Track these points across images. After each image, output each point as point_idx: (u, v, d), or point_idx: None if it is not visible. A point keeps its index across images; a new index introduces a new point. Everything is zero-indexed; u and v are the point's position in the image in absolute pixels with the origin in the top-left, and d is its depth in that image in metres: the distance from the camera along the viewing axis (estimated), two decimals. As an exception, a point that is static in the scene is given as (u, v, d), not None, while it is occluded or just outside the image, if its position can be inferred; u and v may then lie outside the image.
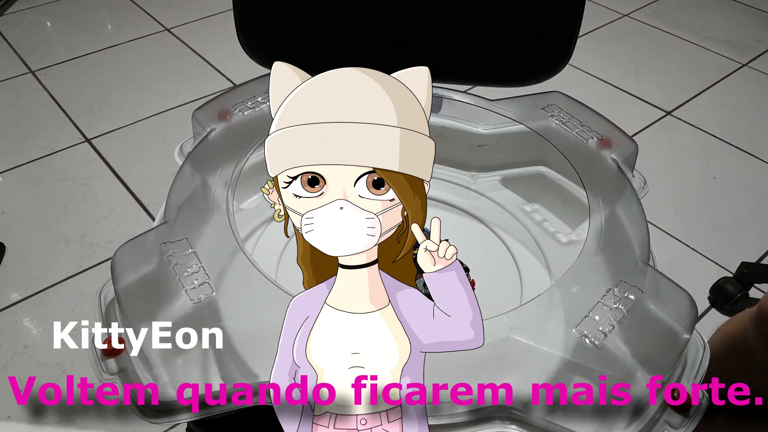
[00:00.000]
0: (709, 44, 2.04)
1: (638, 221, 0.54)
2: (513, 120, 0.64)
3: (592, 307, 0.45)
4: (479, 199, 0.67)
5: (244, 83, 0.67)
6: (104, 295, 0.48)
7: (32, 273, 1.26)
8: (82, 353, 0.45)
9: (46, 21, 2.15)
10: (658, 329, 0.45)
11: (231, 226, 0.51)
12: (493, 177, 0.68)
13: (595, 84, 1.85)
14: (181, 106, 1.71)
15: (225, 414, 0.41)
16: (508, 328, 0.44)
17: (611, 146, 0.62)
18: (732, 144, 1.63)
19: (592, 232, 0.53)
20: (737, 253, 1.31)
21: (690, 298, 0.46)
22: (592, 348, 0.43)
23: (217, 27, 2.07)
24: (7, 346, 1.12)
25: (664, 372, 0.42)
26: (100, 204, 1.42)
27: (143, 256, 0.48)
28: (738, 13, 2.24)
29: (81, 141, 1.61)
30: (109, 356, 0.44)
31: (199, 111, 0.64)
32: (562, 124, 0.64)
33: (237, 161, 0.57)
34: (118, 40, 2.02)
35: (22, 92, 1.78)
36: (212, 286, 0.46)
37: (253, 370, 0.43)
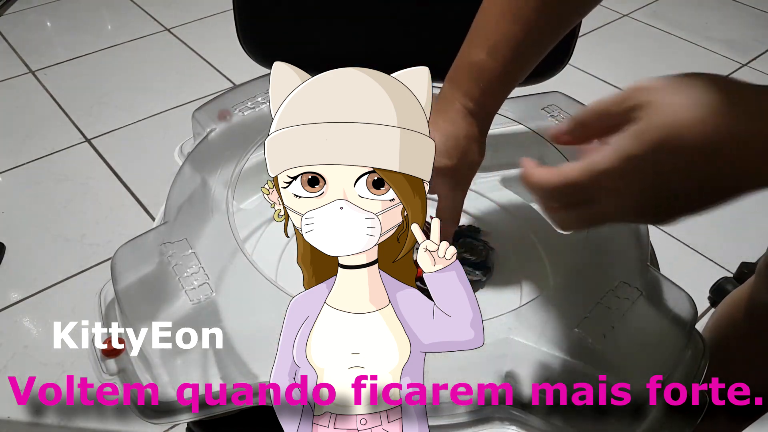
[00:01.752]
0: (709, 44, 2.04)
1: (638, 221, 0.54)
2: (513, 120, 0.64)
3: (592, 308, 0.45)
4: (479, 200, 0.67)
5: (244, 83, 0.67)
6: (104, 296, 0.48)
7: (32, 273, 1.26)
8: (82, 353, 0.45)
9: (46, 21, 2.15)
10: (658, 329, 0.45)
11: (231, 226, 0.51)
12: (493, 177, 0.68)
13: (595, 84, 1.85)
14: (181, 106, 1.71)
15: (225, 414, 0.41)
16: (508, 329, 0.44)
17: (611, 146, 0.62)
18: (732, 144, 1.63)
19: (592, 232, 0.53)
20: (737, 253, 1.31)
21: (690, 298, 0.46)
22: (592, 348, 0.43)
23: (217, 27, 2.07)
24: (7, 346, 1.12)
25: (664, 372, 0.42)
26: (100, 204, 1.42)
27: (143, 256, 0.48)
28: (738, 13, 2.23)
29: (81, 141, 1.61)
30: (109, 356, 0.44)
31: (199, 111, 0.64)
32: (562, 124, 0.64)
33: (237, 161, 0.57)
34: (118, 40, 2.02)
35: (22, 92, 1.78)
36: (212, 286, 0.46)
37: (253, 370, 0.43)
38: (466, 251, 0.55)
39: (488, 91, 0.49)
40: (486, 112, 0.51)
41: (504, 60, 0.48)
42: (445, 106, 0.50)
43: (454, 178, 0.50)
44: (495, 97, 0.51)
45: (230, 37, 0.77)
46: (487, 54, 0.48)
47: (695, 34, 2.09)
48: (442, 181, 0.49)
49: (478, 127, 0.50)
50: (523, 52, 0.49)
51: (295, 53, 0.78)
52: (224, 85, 1.81)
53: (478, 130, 0.50)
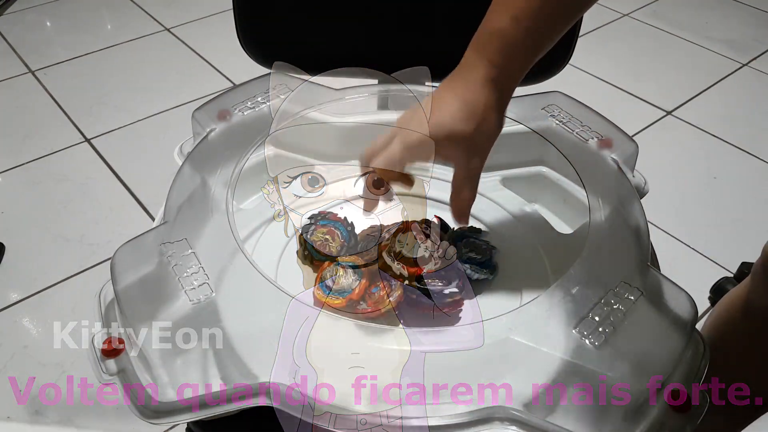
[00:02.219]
0: (709, 44, 2.04)
1: (638, 221, 0.54)
2: (513, 120, 0.64)
3: (591, 308, 0.45)
4: (479, 199, 0.67)
5: (244, 83, 0.67)
6: (104, 296, 0.48)
7: (32, 273, 1.26)
8: (82, 353, 0.45)
9: (46, 21, 2.15)
10: (658, 329, 0.45)
11: (231, 226, 0.50)
12: (493, 177, 0.68)
13: (595, 84, 1.85)
14: (181, 106, 1.71)
15: (225, 414, 0.41)
16: (508, 329, 0.44)
17: (611, 146, 0.62)
18: (732, 144, 1.63)
19: (593, 232, 0.53)
20: (737, 253, 1.31)
21: (690, 298, 0.46)
22: (592, 348, 0.43)
23: (217, 27, 2.07)
24: (7, 346, 1.12)
25: (664, 372, 0.42)
26: (99, 204, 1.42)
27: (143, 256, 0.48)
28: (738, 13, 2.24)
29: (81, 141, 1.61)
30: (109, 356, 0.44)
31: (199, 111, 0.64)
32: (562, 124, 0.64)
33: (237, 161, 0.57)
34: (118, 40, 2.02)
35: (22, 92, 1.78)
36: (212, 286, 0.46)
37: (253, 370, 0.43)
38: (470, 251, 0.55)
39: (511, 58, 0.48)
40: (508, 82, 0.50)
41: (527, 30, 0.47)
42: (466, 73, 0.49)
43: (470, 146, 0.49)
44: (518, 66, 0.50)
45: (230, 37, 0.77)
46: (511, 21, 0.47)
47: (695, 33, 2.09)
48: (457, 148, 0.48)
49: (499, 96, 0.49)
50: (546, 23, 0.48)
51: (295, 53, 0.78)
52: (224, 85, 1.81)
53: (498, 100, 0.49)
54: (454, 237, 0.57)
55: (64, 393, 1.03)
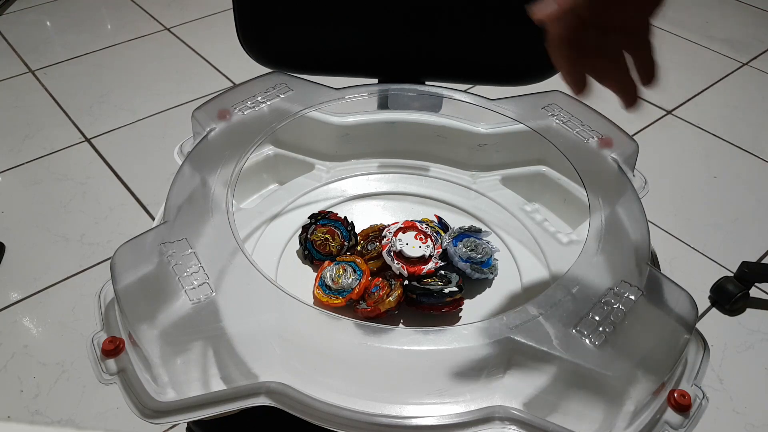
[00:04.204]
0: (709, 43, 2.04)
1: (639, 221, 0.54)
2: (513, 119, 0.64)
3: (592, 307, 0.45)
4: (479, 199, 0.67)
5: (244, 83, 0.67)
6: (104, 295, 0.48)
7: (32, 273, 1.26)
8: (82, 353, 0.45)
9: (46, 21, 2.15)
10: (658, 329, 0.45)
11: (231, 226, 0.50)
12: (493, 177, 0.68)
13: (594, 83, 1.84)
14: (181, 105, 1.71)
15: (225, 414, 0.41)
16: (508, 329, 0.44)
17: (612, 146, 0.62)
18: (733, 143, 1.63)
19: (593, 231, 0.53)
20: (738, 252, 1.31)
21: (690, 298, 0.46)
22: (592, 348, 0.43)
23: (217, 26, 2.07)
24: (7, 346, 1.12)
25: (665, 372, 0.42)
26: (99, 204, 1.42)
27: (143, 256, 0.48)
28: (738, 12, 2.23)
29: (81, 141, 1.61)
30: (109, 356, 0.44)
31: (199, 110, 0.63)
32: (562, 123, 0.64)
33: (237, 161, 0.57)
34: (118, 40, 2.02)
35: (22, 92, 1.78)
36: (212, 286, 0.46)
37: (253, 370, 0.43)
38: (472, 250, 0.55)
39: None
40: None
41: None
42: None
43: None
44: None
45: (230, 37, 0.77)
46: None
47: (695, 33, 2.09)
48: None
49: None
50: None
51: (295, 53, 0.78)
52: (224, 84, 1.81)
53: None
54: (454, 237, 0.57)
55: (64, 393, 1.03)
